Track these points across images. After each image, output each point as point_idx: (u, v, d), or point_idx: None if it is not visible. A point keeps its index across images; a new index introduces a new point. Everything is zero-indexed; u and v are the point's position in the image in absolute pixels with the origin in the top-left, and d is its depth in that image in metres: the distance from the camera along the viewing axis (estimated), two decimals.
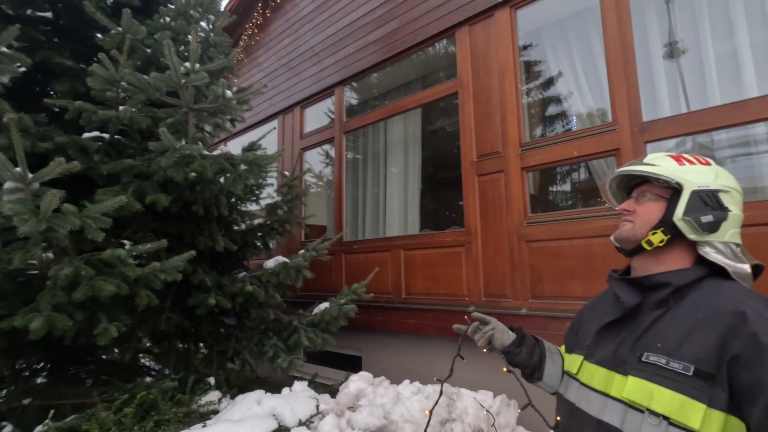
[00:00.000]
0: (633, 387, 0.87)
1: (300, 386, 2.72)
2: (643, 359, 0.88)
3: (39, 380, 3.15)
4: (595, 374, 0.97)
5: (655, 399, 0.82)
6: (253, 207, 4.24)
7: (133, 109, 2.58)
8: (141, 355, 3.96)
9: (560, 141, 3.30)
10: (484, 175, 3.68)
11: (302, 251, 3.69)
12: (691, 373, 0.80)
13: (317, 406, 2.44)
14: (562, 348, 1.30)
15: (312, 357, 4.81)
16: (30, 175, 1.95)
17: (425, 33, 4.24)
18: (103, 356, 3.40)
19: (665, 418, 0.80)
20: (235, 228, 3.73)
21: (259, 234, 3.98)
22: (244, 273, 3.56)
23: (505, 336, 1.23)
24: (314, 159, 5.98)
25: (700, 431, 0.76)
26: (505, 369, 1.20)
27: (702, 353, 0.80)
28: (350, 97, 5.49)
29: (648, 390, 0.84)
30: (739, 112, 2.59)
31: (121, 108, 2.52)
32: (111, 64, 2.47)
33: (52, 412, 2.28)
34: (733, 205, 0.95)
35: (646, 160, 1.02)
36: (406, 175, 4.81)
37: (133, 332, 2.95)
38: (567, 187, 5.13)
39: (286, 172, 4.30)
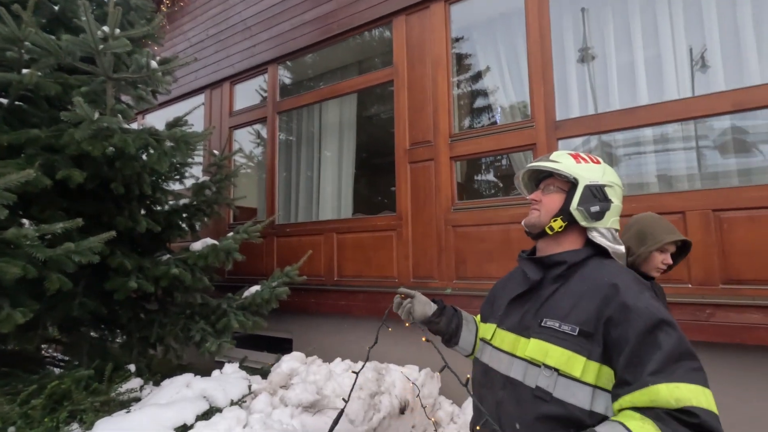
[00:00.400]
0: (533, 347, 1.04)
1: (231, 368, 2.70)
2: (542, 324, 1.05)
3: None
4: (505, 339, 1.14)
5: (549, 355, 1.00)
6: (177, 186, 4.02)
7: (40, 74, 2.32)
8: (46, 345, 3.62)
9: (485, 134, 3.56)
10: (416, 162, 3.85)
11: (232, 233, 3.59)
12: (576, 334, 0.98)
13: (249, 387, 2.46)
14: (478, 317, 1.46)
15: (241, 342, 4.73)
16: None
17: (362, 18, 4.26)
18: (2, 346, 3.06)
19: (556, 370, 0.98)
20: (159, 208, 3.52)
21: (185, 215, 3.80)
22: (168, 255, 3.39)
23: (427, 308, 1.37)
24: (244, 138, 5.75)
25: (580, 378, 0.95)
26: (424, 339, 1.39)
27: (585, 317, 0.99)
28: (284, 76, 5.35)
29: (544, 349, 1.02)
30: (631, 117, 3.00)
31: (24, 71, 2.25)
32: (12, 21, 2.18)
33: None
34: (615, 197, 1.16)
35: (552, 158, 1.20)
36: (340, 160, 4.84)
37: (39, 319, 2.70)
38: (490, 176, 5.51)
39: (215, 151, 4.12)
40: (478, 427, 1.15)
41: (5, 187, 1.94)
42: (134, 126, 2.87)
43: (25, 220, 2.58)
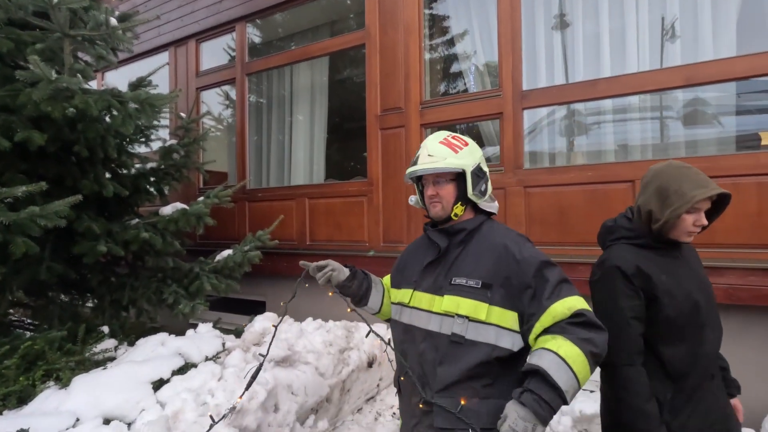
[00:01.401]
0: (447, 302, 1.24)
1: (205, 328, 2.80)
2: (452, 283, 1.26)
3: None
4: (423, 299, 1.31)
5: (461, 307, 1.21)
6: (143, 150, 3.92)
7: None
8: (13, 310, 3.60)
9: (455, 102, 3.62)
10: (387, 129, 3.89)
11: (202, 198, 3.59)
12: (479, 287, 1.21)
13: (223, 345, 2.57)
14: (386, 278, 1.63)
15: (214, 305, 4.80)
16: None
17: None
18: None
19: (467, 317, 1.20)
20: (125, 172, 3.45)
21: (153, 179, 3.74)
22: (137, 220, 3.37)
23: (341, 274, 1.50)
24: (212, 100, 5.58)
25: (485, 320, 1.19)
26: (349, 310, 1.58)
27: (485, 273, 1.23)
28: (253, 35, 5.16)
29: (456, 302, 1.22)
30: (592, 89, 3.13)
31: None
32: None
33: None
34: (485, 167, 1.37)
35: (432, 153, 1.31)
36: (312, 124, 4.81)
37: (6, 283, 2.69)
38: None
39: (182, 114, 4.01)
40: (402, 378, 1.37)
41: None
42: (93, 85, 2.78)
43: None
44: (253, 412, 2.00)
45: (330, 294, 1.50)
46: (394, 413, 3.01)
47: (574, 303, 1.14)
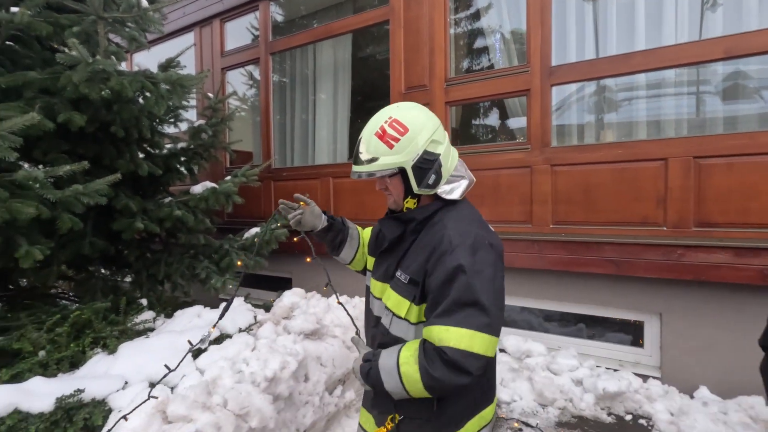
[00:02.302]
0: (386, 294, 1.23)
1: (237, 301, 2.92)
2: (395, 274, 1.21)
3: None
4: (376, 286, 1.30)
5: (390, 299, 1.20)
6: (172, 130, 4.03)
7: (30, 12, 2.28)
8: (60, 282, 3.82)
9: (481, 78, 3.55)
10: None
11: (230, 177, 3.68)
12: (407, 282, 1.16)
13: (255, 317, 2.69)
14: (366, 230, 1.58)
15: (243, 280, 4.96)
16: None
17: None
18: (20, 283, 3.25)
19: (391, 311, 1.20)
20: (157, 152, 3.57)
21: (183, 159, 3.85)
22: (170, 198, 3.50)
23: (317, 221, 1.44)
24: (236, 80, 5.64)
25: (404, 317, 1.17)
26: (308, 260, 1.69)
27: (416, 268, 1.15)
28: (276, 13, 5.14)
29: (389, 294, 1.21)
30: (625, 63, 3.02)
31: (14, 9, 2.21)
32: None
33: None
34: (440, 146, 1.16)
35: (367, 154, 1.16)
36: (335, 103, 4.81)
37: (53, 257, 2.86)
38: (482, 121, 5.52)
39: (210, 94, 4.08)
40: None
41: (11, 130, 2.00)
42: (124, 67, 2.85)
43: (24, 163, 2.66)
44: (285, 381, 2.11)
45: (308, 260, 1.49)
46: None
47: (450, 336, 1.01)
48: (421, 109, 1.22)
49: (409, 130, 1.13)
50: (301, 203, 1.44)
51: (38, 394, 1.73)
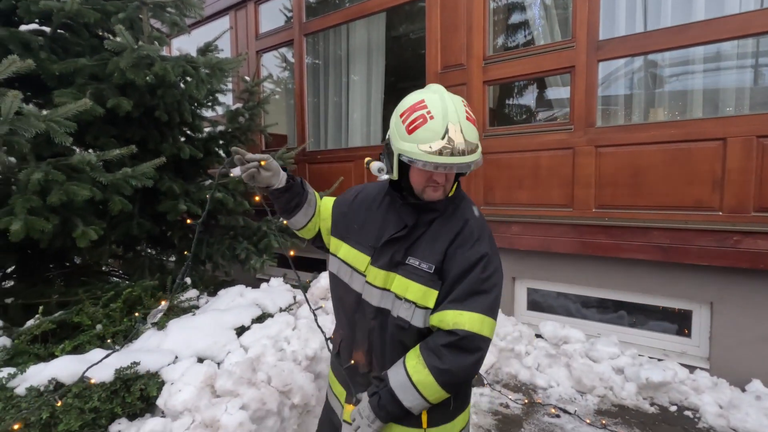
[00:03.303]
0: (397, 283, 1.14)
1: (276, 282, 3.00)
2: (406, 262, 1.14)
3: (10, 283, 3.20)
4: (378, 276, 1.18)
5: (409, 291, 1.12)
6: (210, 114, 4.11)
7: (78, 0, 2.35)
8: (110, 261, 4.04)
9: (521, 56, 3.41)
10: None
11: None
12: (432, 271, 1.11)
13: (294, 297, 2.75)
14: (326, 201, 1.46)
15: (280, 261, 5.10)
16: None
17: None
18: (75, 261, 3.46)
19: (414, 303, 1.11)
20: (198, 135, 3.66)
21: (221, 142, 3.93)
22: (210, 181, 3.60)
23: (274, 179, 1.26)
24: (270, 63, 5.66)
25: (432, 307, 1.11)
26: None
27: (439, 257, 1.12)
28: None
29: (405, 285, 1.13)
30: (682, 35, 2.81)
31: None
32: None
33: (41, 308, 2.42)
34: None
35: (472, 142, 1.08)
36: (369, 84, 4.76)
37: (105, 237, 3.01)
38: (522, 101, 5.32)
39: (246, 77, 4.12)
40: (342, 342, 1.31)
41: (66, 116, 2.09)
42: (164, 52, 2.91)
43: (74, 147, 2.79)
44: (325, 360, 2.16)
45: (256, 199, 1.31)
46: None
47: (464, 320, 1.05)
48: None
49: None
50: (261, 162, 1.24)
51: (99, 364, 1.85)
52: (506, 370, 3.16)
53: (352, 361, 1.25)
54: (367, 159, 1.31)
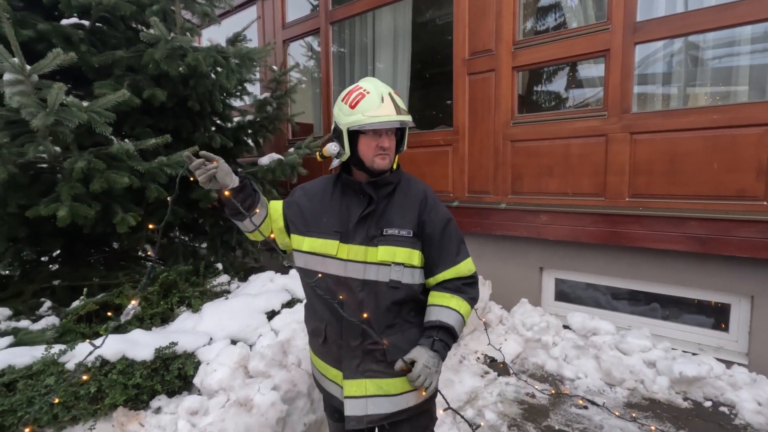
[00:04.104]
0: (383, 252, 1.30)
1: None
2: (384, 233, 1.32)
3: (56, 267, 3.39)
4: (358, 252, 1.31)
5: (397, 255, 1.30)
6: (238, 103, 4.17)
7: None
8: (147, 246, 4.21)
9: (553, 40, 3.30)
10: (475, 74, 3.70)
11: (293, 149, 3.78)
12: (411, 236, 1.32)
13: None
14: (276, 204, 1.50)
15: None
16: (28, 66, 1.93)
17: None
18: (114, 245, 3.63)
19: (402, 264, 1.30)
20: (228, 125, 3.73)
21: (249, 131, 4.01)
22: (240, 170, 3.68)
23: (228, 179, 1.30)
24: (296, 52, 5.69)
25: (416, 265, 1.33)
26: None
27: (412, 223, 1.34)
28: None
29: (392, 251, 1.30)
30: (728, 14, 2.65)
31: None
32: None
33: (85, 290, 2.56)
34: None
35: (403, 107, 1.32)
36: (394, 72, 4.72)
37: (142, 224, 3.14)
38: (552, 87, 5.17)
39: (274, 67, 4.16)
40: (327, 326, 1.37)
41: (105, 107, 2.17)
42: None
43: (113, 137, 2.90)
44: None
45: (226, 194, 1.29)
46: (479, 357, 3.12)
47: (471, 266, 1.40)
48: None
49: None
50: (214, 161, 1.27)
51: (140, 344, 1.95)
52: (532, 360, 3.14)
53: (364, 315, 1.30)
54: (318, 151, 1.45)
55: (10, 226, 2.47)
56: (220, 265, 3.45)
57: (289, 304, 2.51)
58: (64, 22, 2.56)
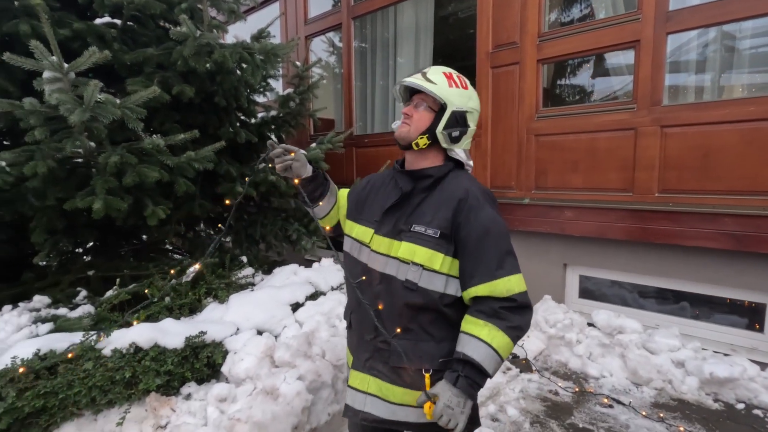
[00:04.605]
0: (404, 249, 1.21)
1: (327, 262, 3.11)
2: (411, 229, 1.22)
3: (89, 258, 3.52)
4: (382, 243, 1.27)
5: (417, 255, 1.19)
6: (261, 99, 4.23)
7: None
8: (176, 239, 4.33)
9: (580, 31, 3.23)
10: (499, 67, 3.65)
11: (315, 144, 3.82)
12: (438, 236, 1.18)
13: (345, 277, 2.84)
14: (342, 192, 1.57)
15: (331, 244, 5.24)
16: (66, 65, 2.01)
17: None
18: (144, 238, 3.75)
19: (421, 266, 1.18)
20: (252, 120, 3.79)
21: (273, 126, 4.06)
22: (263, 164, 3.74)
23: (302, 170, 1.39)
24: (318, 47, 5.72)
25: (438, 270, 1.18)
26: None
27: (444, 223, 1.19)
28: None
29: (413, 250, 1.20)
30: (765, 2, 2.53)
31: None
32: None
33: (118, 280, 2.66)
34: (473, 122, 1.28)
35: (428, 75, 1.24)
36: (416, 67, 4.70)
37: (171, 216, 3.23)
38: (578, 79, 5.05)
39: (297, 63, 4.20)
40: (352, 313, 1.38)
41: (137, 103, 2.24)
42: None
43: (142, 132, 2.99)
44: None
45: (296, 182, 1.40)
46: None
47: (513, 285, 1.15)
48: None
49: (468, 89, 1.27)
50: (292, 153, 1.38)
51: (171, 332, 2.02)
52: (555, 357, 3.10)
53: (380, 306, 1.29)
54: None
55: (49, 218, 2.58)
56: (244, 258, 3.53)
57: (313, 296, 2.55)
58: (98, 21, 2.65)
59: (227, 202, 1.72)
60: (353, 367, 1.35)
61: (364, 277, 1.30)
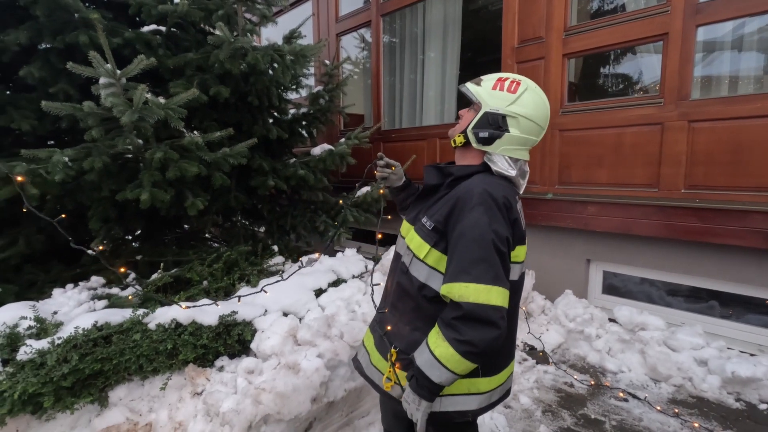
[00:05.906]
0: (410, 235, 1.30)
1: (350, 252, 3.27)
2: (420, 219, 1.28)
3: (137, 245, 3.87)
4: (404, 228, 1.40)
5: (413, 241, 1.27)
6: (294, 96, 4.43)
7: (187, 2, 2.71)
8: (213, 229, 4.64)
9: (606, 25, 3.19)
10: (524, 62, 3.66)
11: (344, 139, 3.98)
12: (431, 228, 1.21)
13: (366, 267, 2.99)
14: None
15: (355, 235, 5.42)
16: (118, 71, 2.25)
17: None
18: (185, 227, 4.06)
19: (413, 252, 1.26)
20: (284, 117, 4.00)
21: (303, 123, 4.26)
22: (294, 159, 3.95)
23: (398, 181, 1.62)
24: (348, 44, 5.87)
25: (423, 260, 1.22)
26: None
27: (440, 217, 1.20)
28: None
29: (412, 236, 1.28)
30: None
31: (177, 1, 2.66)
32: None
33: (162, 265, 2.94)
34: (516, 128, 1.21)
35: (482, 79, 1.28)
36: (444, 61, 4.76)
37: (209, 208, 3.50)
38: (604, 74, 4.93)
39: (327, 61, 4.37)
40: (386, 310, 1.41)
41: (179, 104, 2.47)
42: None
43: (184, 129, 3.24)
44: None
45: (380, 191, 1.60)
46: (518, 344, 3.16)
47: (470, 292, 1.05)
48: (544, 101, 1.26)
49: (517, 94, 1.22)
50: (392, 167, 1.61)
51: (207, 312, 2.25)
52: (574, 351, 3.13)
53: (386, 310, 1.40)
54: None
55: (103, 207, 2.89)
56: (275, 247, 3.76)
57: (335, 283, 2.72)
58: (145, 29, 2.91)
59: (381, 191, 2.04)
60: (369, 326, 1.52)
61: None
